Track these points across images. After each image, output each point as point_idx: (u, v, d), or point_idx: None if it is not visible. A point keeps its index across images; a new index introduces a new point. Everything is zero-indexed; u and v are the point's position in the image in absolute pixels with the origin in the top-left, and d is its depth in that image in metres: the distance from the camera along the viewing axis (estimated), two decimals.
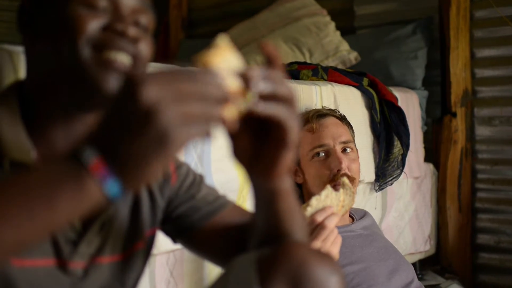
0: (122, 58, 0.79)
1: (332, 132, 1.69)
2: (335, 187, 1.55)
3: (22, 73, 1.04)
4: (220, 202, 1.01)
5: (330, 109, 1.80)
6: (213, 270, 1.54)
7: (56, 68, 0.80)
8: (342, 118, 1.77)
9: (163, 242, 1.34)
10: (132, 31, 0.79)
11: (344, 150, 1.69)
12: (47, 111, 0.83)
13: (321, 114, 1.73)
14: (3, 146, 0.78)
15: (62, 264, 0.82)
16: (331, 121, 1.72)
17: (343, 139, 1.70)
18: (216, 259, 1.02)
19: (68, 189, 0.58)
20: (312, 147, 1.68)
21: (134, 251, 0.92)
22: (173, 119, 0.57)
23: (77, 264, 0.83)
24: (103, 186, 0.58)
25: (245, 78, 0.65)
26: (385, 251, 1.68)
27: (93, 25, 0.78)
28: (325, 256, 0.84)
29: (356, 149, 1.76)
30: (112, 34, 0.79)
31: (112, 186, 0.59)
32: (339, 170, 1.63)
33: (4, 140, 0.78)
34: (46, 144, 0.83)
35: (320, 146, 1.67)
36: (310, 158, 1.69)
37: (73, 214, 0.60)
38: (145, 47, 0.82)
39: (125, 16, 0.81)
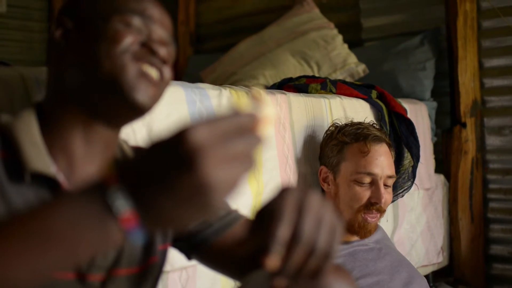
0: (153, 72, 0.86)
1: (384, 163, 1.66)
2: (367, 215, 1.61)
3: (33, 96, 1.05)
4: (231, 217, 1.01)
5: (383, 132, 1.75)
6: (226, 287, 1.53)
7: (89, 78, 0.84)
8: (390, 144, 1.73)
9: (175, 259, 1.35)
10: (162, 51, 0.88)
11: (385, 184, 1.66)
12: (69, 125, 0.86)
13: (377, 138, 1.68)
14: (24, 159, 0.80)
15: (81, 277, 0.83)
16: (384, 149, 1.68)
17: (390, 173, 1.67)
18: (232, 274, 1.02)
19: (92, 235, 0.57)
20: (360, 171, 1.64)
21: (150, 264, 0.93)
22: (217, 162, 0.54)
23: (95, 276, 0.85)
24: (129, 236, 0.57)
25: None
26: (398, 264, 1.67)
27: (130, 39, 0.85)
28: (341, 270, 0.84)
29: None
30: (146, 50, 0.86)
31: (138, 237, 0.57)
32: (376, 202, 1.62)
33: (24, 154, 0.80)
34: (66, 158, 0.85)
35: (369, 174, 1.64)
36: (352, 180, 1.65)
37: (91, 255, 0.59)
38: (168, 71, 0.90)
39: (157, 40, 0.89)
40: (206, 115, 0.57)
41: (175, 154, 0.54)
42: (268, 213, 0.65)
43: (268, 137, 0.58)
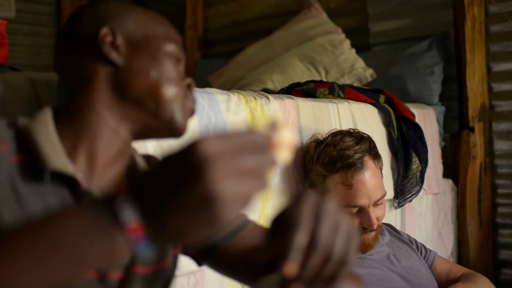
0: (196, 107, 0.95)
1: (370, 189, 1.57)
2: (362, 236, 1.59)
3: (44, 100, 1.06)
4: (240, 223, 1.01)
5: (365, 142, 1.63)
6: None
7: (142, 102, 0.88)
8: (375, 156, 1.64)
9: (183, 263, 1.35)
10: (193, 84, 0.95)
11: (375, 204, 1.61)
12: (98, 131, 0.87)
13: (358, 168, 1.57)
14: (42, 159, 0.80)
15: (101, 276, 0.84)
16: (368, 173, 1.58)
17: (378, 196, 1.59)
18: (242, 279, 1.02)
19: (99, 245, 0.57)
20: (345, 205, 1.57)
21: (162, 267, 0.94)
22: (225, 174, 0.54)
23: (115, 275, 0.86)
24: (135, 247, 0.57)
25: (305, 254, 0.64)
26: (406, 272, 1.67)
27: (178, 75, 0.91)
28: (353, 276, 0.85)
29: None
30: (186, 85, 0.93)
31: (144, 248, 0.57)
32: (367, 227, 1.59)
33: (43, 153, 0.80)
34: (87, 160, 0.86)
35: (355, 206, 1.58)
36: None
37: (96, 266, 0.59)
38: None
39: (185, 70, 0.95)
40: (219, 130, 0.57)
41: (184, 164, 0.54)
42: (285, 220, 0.65)
43: (284, 162, 0.55)
